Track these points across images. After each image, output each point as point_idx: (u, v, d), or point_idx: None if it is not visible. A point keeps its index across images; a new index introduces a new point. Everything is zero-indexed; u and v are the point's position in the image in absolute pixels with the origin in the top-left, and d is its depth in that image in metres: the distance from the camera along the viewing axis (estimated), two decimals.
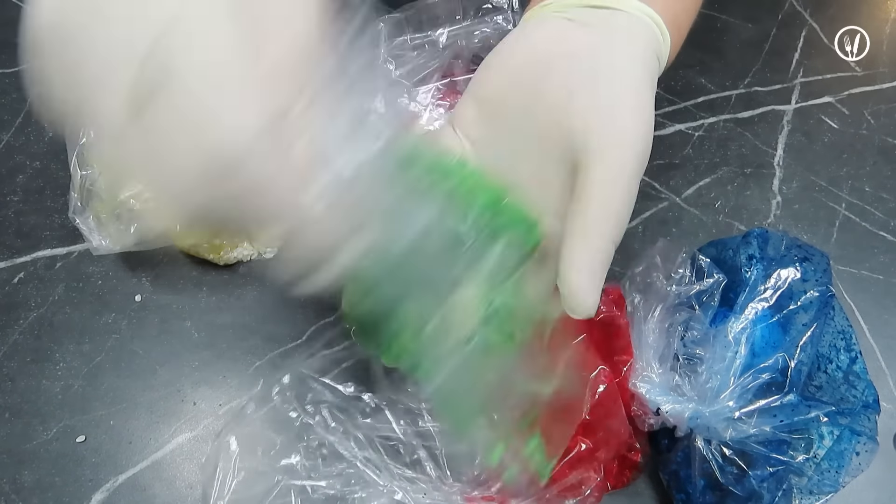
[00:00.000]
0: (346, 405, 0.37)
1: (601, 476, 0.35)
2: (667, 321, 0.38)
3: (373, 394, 0.37)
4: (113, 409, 0.42)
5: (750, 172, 0.51)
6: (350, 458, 0.35)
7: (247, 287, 0.45)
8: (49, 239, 0.47)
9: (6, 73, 0.53)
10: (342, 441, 0.35)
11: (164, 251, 0.46)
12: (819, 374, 0.36)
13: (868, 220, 0.49)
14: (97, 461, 0.40)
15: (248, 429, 0.37)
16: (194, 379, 0.43)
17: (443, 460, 0.36)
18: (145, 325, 0.44)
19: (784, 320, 0.37)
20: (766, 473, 0.34)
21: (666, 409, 0.36)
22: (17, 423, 0.41)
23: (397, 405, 0.37)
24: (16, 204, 0.48)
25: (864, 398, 0.35)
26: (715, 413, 0.35)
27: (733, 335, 0.36)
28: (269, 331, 0.44)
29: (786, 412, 0.34)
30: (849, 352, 0.37)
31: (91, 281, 0.45)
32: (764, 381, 0.35)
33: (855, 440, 0.35)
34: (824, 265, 0.38)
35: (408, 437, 0.36)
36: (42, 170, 0.49)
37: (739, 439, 0.34)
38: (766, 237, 0.39)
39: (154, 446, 0.41)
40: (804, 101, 0.54)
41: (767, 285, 0.38)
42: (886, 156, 0.52)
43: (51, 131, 0.50)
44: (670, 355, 0.38)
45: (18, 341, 0.43)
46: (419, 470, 0.35)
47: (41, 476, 0.40)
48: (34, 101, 0.24)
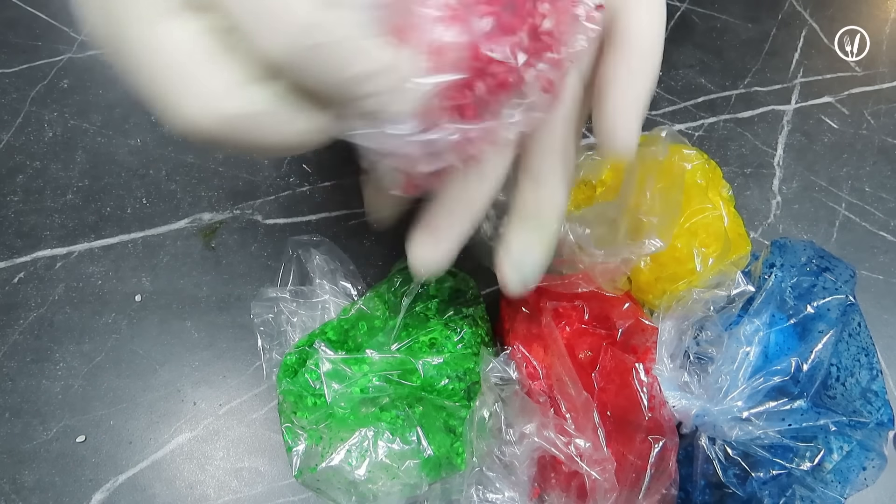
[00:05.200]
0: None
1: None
2: (683, 320, 0.38)
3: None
4: (113, 409, 0.42)
5: (750, 172, 0.51)
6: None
7: (247, 287, 0.45)
8: (49, 239, 0.47)
9: (6, 73, 0.53)
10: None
11: (162, 247, 0.46)
12: (836, 384, 0.36)
13: (868, 220, 0.49)
14: (97, 461, 0.40)
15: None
16: (194, 379, 0.43)
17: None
18: (145, 325, 0.44)
19: (801, 327, 0.37)
20: (769, 477, 0.34)
21: (673, 405, 0.36)
22: (17, 423, 0.41)
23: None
24: (16, 204, 0.48)
25: (879, 416, 0.35)
26: (722, 412, 0.35)
27: (745, 336, 0.36)
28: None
29: (794, 417, 0.34)
30: (870, 369, 0.36)
31: (91, 281, 0.45)
32: (775, 384, 0.35)
33: (864, 456, 0.35)
34: (847, 276, 0.38)
35: None
36: (42, 170, 0.49)
37: (744, 441, 0.34)
38: (787, 246, 0.40)
39: (154, 446, 0.41)
40: (804, 101, 0.54)
41: (785, 292, 0.38)
42: (886, 156, 0.52)
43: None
44: (681, 353, 0.38)
45: (18, 341, 0.43)
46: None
47: (41, 476, 0.40)
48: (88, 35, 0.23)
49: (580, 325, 0.37)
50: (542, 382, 0.36)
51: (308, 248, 0.42)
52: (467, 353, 0.37)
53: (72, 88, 0.52)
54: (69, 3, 0.20)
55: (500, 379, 0.36)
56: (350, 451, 0.34)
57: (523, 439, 0.33)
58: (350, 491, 0.34)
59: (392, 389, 0.35)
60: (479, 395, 0.36)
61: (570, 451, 0.33)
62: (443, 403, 0.36)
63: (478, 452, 0.34)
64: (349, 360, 0.35)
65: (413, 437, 0.35)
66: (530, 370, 0.36)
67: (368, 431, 0.35)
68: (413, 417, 0.35)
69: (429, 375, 0.35)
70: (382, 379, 0.35)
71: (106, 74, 0.53)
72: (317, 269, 0.41)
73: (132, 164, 0.49)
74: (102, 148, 0.50)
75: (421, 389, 0.35)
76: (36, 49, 0.53)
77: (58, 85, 0.52)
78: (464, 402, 0.36)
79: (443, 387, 0.36)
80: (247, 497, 0.40)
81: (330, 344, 0.37)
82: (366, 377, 0.35)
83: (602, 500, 0.32)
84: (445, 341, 0.36)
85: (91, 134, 0.50)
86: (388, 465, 0.34)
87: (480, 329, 0.38)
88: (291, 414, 0.36)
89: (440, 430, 0.36)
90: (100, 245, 0.47)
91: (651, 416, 0.34)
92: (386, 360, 0.35)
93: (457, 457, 0.36)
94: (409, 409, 0.35)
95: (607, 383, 0.35)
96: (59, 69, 0.53)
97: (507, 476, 0.34)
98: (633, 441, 0.34)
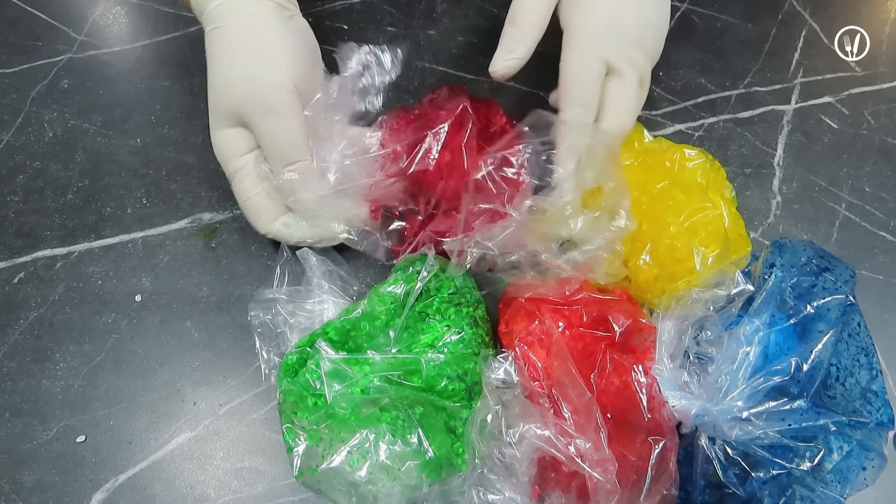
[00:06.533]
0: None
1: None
2: (683, 320, 0.38)
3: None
4: (113, 409, 0.42)
5: (750, 172, 0.51)
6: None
7: (247, 287, 0.45)
8: (49, 239, 0.47)
9: (6, 73, 0.53)
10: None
11: (162, 247, 0.46)
12: (836, 384, 0.36)
13: (868, 220, 0.49)
14: (97, 461, 0.40)
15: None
16: (194, 379, 0.43)
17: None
18: (145, 325, 0.44)
19: (800, 327, 0.37)
20: (769, 477, 0.34)
21: (673, 405, 0.36)
22: (17, 423, 0.41)
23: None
24: (16, 204, 0.48)
25: (878, 416, 0.35)
26: (722, 411, 0.35)
27: (745, 336, 0.36)
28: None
29: (794, 417, 0.34)
30: (870, 369, 0.36)
31: (91, 281, 0.45)
32: (775, 384, 0.35)
33: (864, 455, 0.35)
34: (847, 276, 0.38)
35: None
36: (42, 170, 0.49)
37: (744, 441, 0.34)
38: (787, 246, 0.40)
39: (154, 446, 0.41)
40: (804, 101, 0.54)
41: (785, 292, 0.38)
42: (886, 156, 0.52)
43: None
44: (681, 353, 0.38)
45: (18, 341, 0.43)
46: None
47: (41, 476, 0.40)
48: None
49: (578, 328, 0.37)
50: (543, 383, 0.36)
51: (305, 250, 0.42)
52: (468, 353, 0.36)
53: (72, 88, 0.52)
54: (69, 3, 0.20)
55: (501, 381, 0.36)
56: (351, 452, 0.34)
57: (523, 440, 0.33)
58: (350, 492, 0.34)
59: (393, 390, 0.35)
60: (481, 397, 0.36)
61: (571, 452, 0.33)
62: (443, 404, 0.36)
63: (478, 454, 0.34)
64: (350, 361, 0.35)
65: (413, 438, 0.35)
66: (532, 371, 0.36)
67: (369, 433, 0.35)
68: (413, 418, 0.35)
69: (429, 376, 0.35)
70: (383, 380, 0.35)
71: (106, 74, 0.53)
72: (315, 270, 0.41)
73: (132, 164, 0.49)
74: (102, 148, 0.50)
75: (421, 390, 0.35)
76: (36, 49, 0.53)
77: (58, 85, 0.52)
78: (464, 402, 0.36)
79: (443, 387, 0.36)
80: (247, 497, 0.40)
81: (331, 344, 0.37)
82: (367, 378, 0.35)
83: (604, 500, 0.32)
84: (446, 341, 0.36)
85: (91, 134, 0.50)
86: (388, 467, 0.34)
87: (481, 329, 0.38)
88: (292, 414, 0.36)
89: (440, 430, 0.36)
90: (100, 245, 0.47)
91: (651, 417, 0.34)
92: (388, 360, 0.35)
93: (457, 457, 0.36)
94: (410, 409, 0.35)
95: (606, 385, 0.35)
96: (59, 69, 0.53)
97: (507, 477, 0.34)
98: (634, 442, 0.34)
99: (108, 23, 0.55)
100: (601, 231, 0.38)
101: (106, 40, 0.54)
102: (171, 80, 0.53)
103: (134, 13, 0.56)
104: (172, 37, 0.55)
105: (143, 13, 0.56)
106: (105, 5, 0.56)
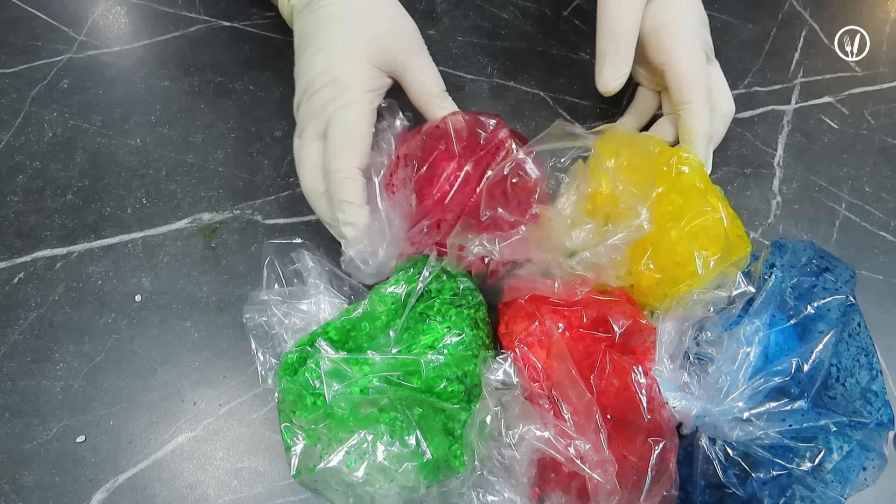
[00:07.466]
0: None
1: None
2: (683, 321, 0.38)
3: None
4: (113, 409, 0.42)
5: (750, 172, 0.51)
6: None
7: (247, 287, 0.45)
8: (49, 239, 0.47)
9: (6, 73, 0.53)
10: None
11: (162, 247, 0.46)
12: (836, 385, 0.36)
13: (868, 220, 0.49)
14: (97, 461, 0.40)
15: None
16: (194, 379, 0.43)
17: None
18: (145, 325, 0.44)
19: (801, 328, 0.37)
20: (769, 477, 0.34)
21: (673, 406, 0.36)
22: (17, 423, 0.41)
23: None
24: (16, 204, 0.48)
25: (879, 416, 0.35)
26: (723, 412, 0.35)
27: (746, 336, 0.36)
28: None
29: (795, 417, 0.34)
30: (870, 370, 0.36)
31: (91, 281, 0.45)
32: (775, 384, 0.35)
33: (864, 456, 0.35)
34: (847, 276, 0.38)
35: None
36: (42, 170, 0.49)
37: (744, 441, 0.34)
38: (787, 246, 0.39)
39: (154, 446, 0.41)
40: (804, 101, 0.54)
41: (785, 292, 0.38)
42: (886, 156, 0.52)
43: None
44: (681, 353, 0.38)
45: (18, 341, 0.43)
46: None
47: (41, 476, 0.40)
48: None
49: (578, 329, 0.37)
50: (543, 384, 0.36)
51: (300, 251, 0.41)
52: (468, 355, 0.36)
53: (72, 88, 0.52)
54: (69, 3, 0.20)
55: (500, 382, 0.36)
56: (349, 452, 0.34)
57: (523, 442, 0.33)
58: (348, 493, 0.34)
59: (392, 391, 0.35)
60: (480, 398, 0.36)
61: (571, 453, 0.33)
62: (442, 406, 0.36)
63: (478, 455, 0.34)
64: (350, 360, 0.35)
65: (412, 439, 0.35)
66: (531, 372, 0.36)
67: (368, 433, 0.35)
68: (412, 419, 0.35)
69: (429, 377, 0.35)
70: (383, 380, 0.35)
71: (106, 74, 0.53)
72: (311, 270, 0.41)
73: (132, 164, 0.49)
74: (102, 148, 0.50)
75: (421, 391, 0.35)
76: (36, 49, 0.53)
77: (58, 85, 0.52)
78: (463, 404, 0.36)
79: (442, 389, 0.35)
80: (247, 497, 0.40)
81: (332, 343, 0.37)
82: (366, 378, 0.35)
83: (604, 501, 0.32)
84: (446, 343, 0.36)
85: (91, 134, 0.50)
86: (386, 468, 0.34)
87: (481, 331, 0.38)
88: (291, 413, 0.36)
89: (439, 432, 0.36)
90: (100, 245, 0.47)
91: (651, 418, 0.34)
92: (387, 361, 0.35)
93: (455, 459, 0.36)
94: (409, 410, 0.35)
95: (606, 386, 0.35)
96: (59, 69, 0.53)
97: (506, 479, 0.34)
98: (634, 443, 0.34)
99: (108, 23, 0.55)
100: (605, 240, 0.38)
101: (106, 40, 0.54)
102: (170, 80, 0.53)
103: (134, 13, 0.56)
104: (172, 37, 0.55)
105: (142, 13, 0.56)
106: (105, 5, 0.56)
